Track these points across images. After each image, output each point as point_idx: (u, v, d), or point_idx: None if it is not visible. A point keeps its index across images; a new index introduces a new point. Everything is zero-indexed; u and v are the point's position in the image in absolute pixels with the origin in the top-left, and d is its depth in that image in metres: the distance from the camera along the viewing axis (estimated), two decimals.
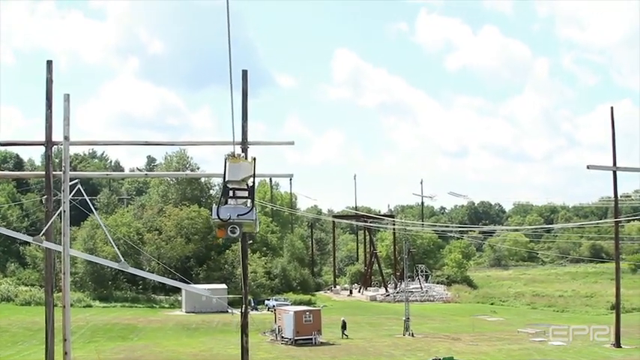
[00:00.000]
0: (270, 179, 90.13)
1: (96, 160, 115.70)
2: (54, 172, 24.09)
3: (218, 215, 12.67)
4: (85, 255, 32.24)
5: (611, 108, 31.86)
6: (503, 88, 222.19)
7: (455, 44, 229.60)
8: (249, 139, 23.41)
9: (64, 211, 17.36)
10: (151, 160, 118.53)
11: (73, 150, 40.57)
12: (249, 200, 13.28)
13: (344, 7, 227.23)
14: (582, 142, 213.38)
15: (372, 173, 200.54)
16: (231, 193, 13.11)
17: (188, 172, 77.99)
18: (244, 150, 22.91)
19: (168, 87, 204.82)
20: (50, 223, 21.92)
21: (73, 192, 18.89)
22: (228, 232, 12.75)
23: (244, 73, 23.62)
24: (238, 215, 12.79)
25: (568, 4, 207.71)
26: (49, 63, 24.04)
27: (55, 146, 24.08)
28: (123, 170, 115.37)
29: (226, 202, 13.06)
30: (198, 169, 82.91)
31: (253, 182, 13.07)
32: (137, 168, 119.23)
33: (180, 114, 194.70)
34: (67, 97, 18.36)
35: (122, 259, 19.65)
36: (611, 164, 33.46)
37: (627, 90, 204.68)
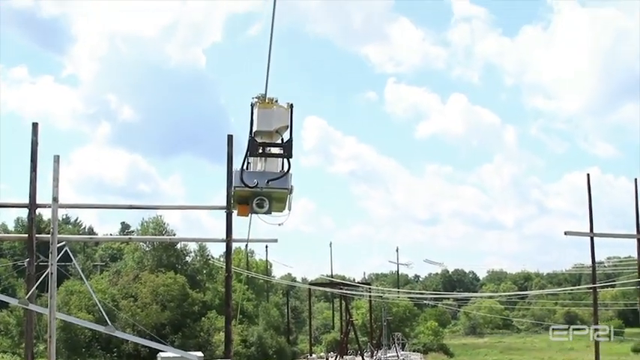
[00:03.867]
0: (247, 245, 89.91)
1: (70, 226, 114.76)
2: (37, 235, 24.00)
3: (242, 181, 9.56)
4: (72, 318, 31.99)
5: (587, 175, 32.39)
6: (473, 156, 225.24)
7: (424, 113, 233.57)
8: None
9: (52, 274, 17.39)
10: (125, 226, 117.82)
11: (46, 215, 40.88)
12: (281, 161, 9.97)
13: (313, 75, 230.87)
14: (552, 209, 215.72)
15: (345, 241, 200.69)
16: (260, 150, 9.91)
17: (170, 237, 77.65)
18: (229, 214, 23.02)
19: (140, 153, 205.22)
20: (35, 287, 21.77)
21: (61, 254, 18.91)
22: (254, 206, 9.61)
23: (229, 138, 23.78)
24: (268, 181, 9.52)
25: (533, 74, 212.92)
26: (35, 125, 24.13)
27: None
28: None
29: (247, 166, 9.87)
30: (174, 234, 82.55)
31: (290, 136, 9.71)
32: (110, 234, 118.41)
33: (151, 181, 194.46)
34: (56, 159, 18.56)
35: (109, 323, 19.56)
36: (585, 230, 33.96)
37: (595, 157, 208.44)
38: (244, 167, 9.66)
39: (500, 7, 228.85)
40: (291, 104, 9.51)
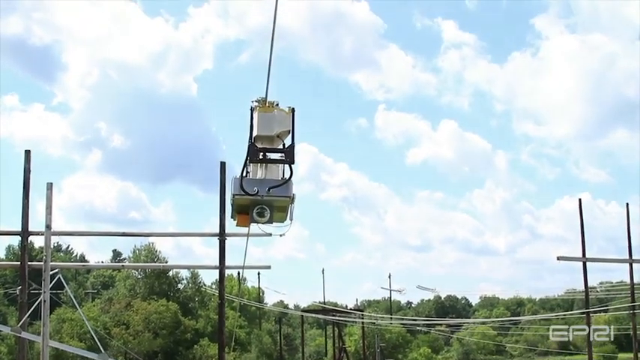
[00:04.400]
0: (239, 273, 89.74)
1: (61, 254, 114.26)
2: (29, 263, 23.91)
3: (242, 188, 8.85)
4: (64, 346, 31.80)
5: (579, 200, 32.59)
6: (464, 182, 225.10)
7: (414, 139, 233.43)
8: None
9: (45, 301, 17.35)
10: (117, 254, 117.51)
11: (38, 243, 40.96)
12: (282, 168, 9.38)
13: (304, 102, 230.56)
14: (544, 235, 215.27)
15: (337, 268, 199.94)
16: (260, 156, 9.24)
17: (162, 264, 77.56)
18: (222, 241, 23.05)
19: (131, 181, 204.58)
20: (27, 315, 21.70)
21: (54, 282, 18.94)
22: (254, 215, 8.90)
23: (222, 165, 23.84)
24: (269, 189, 8.94)
25: (523, 100, 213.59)
26: (27, 153, 24.10)
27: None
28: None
29: (247, 174, 9.17)
30: (166, 262, 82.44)
31: (292, 140, 9.23)
32: (102, 261, 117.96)
33: (142, 208, 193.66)
34: (49, 186, 18.52)
35: (102, 351, 19.51)
36: (577, 255, 34.04)
37: (586, 183, 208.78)
38: (244, 175, 8.95)
39: (489, 34, 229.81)
40: (293, 108, 9.27)
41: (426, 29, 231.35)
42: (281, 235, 9.54)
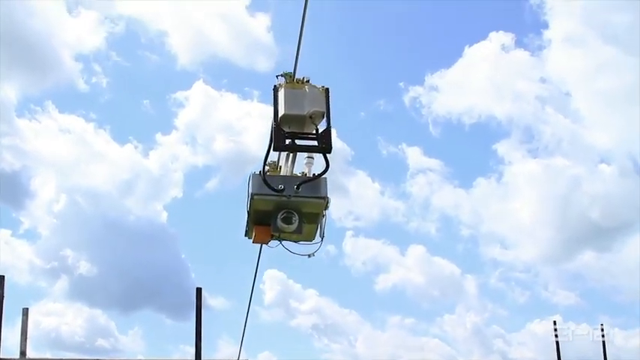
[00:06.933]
0: None
1: None
2: None
3: (266, 182, 6.41)
4: None
5: (554, 322, 32.68)
6: (435, 307, 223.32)
7: (383, 265, 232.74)
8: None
9: None
10: None
11: None
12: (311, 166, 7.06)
13: None
14: (516, 359, 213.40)
15: None
16: (288, 142, 6.78)
17: None
18: None
19: (100, 308, 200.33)
20: None
21: None
22: (279, 222, 6.46)
23: (198, 291, 23.52)
24: (298, 186, 6.51)
25: (489, 224, 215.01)
26: (2, 279, 23.78)
27: None
28: None
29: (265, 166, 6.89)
30: None
31: (328, 124, 6.62)
32: None
33: (110, 336, 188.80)
34: (25, 312, 18.40)
35: None
36: None
37: (556, 305, 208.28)
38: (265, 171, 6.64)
39: (454, 160, 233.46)
40: (327, 88, 6.75)
41: (391, 156, 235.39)
42: (309, 256, 7.00)
